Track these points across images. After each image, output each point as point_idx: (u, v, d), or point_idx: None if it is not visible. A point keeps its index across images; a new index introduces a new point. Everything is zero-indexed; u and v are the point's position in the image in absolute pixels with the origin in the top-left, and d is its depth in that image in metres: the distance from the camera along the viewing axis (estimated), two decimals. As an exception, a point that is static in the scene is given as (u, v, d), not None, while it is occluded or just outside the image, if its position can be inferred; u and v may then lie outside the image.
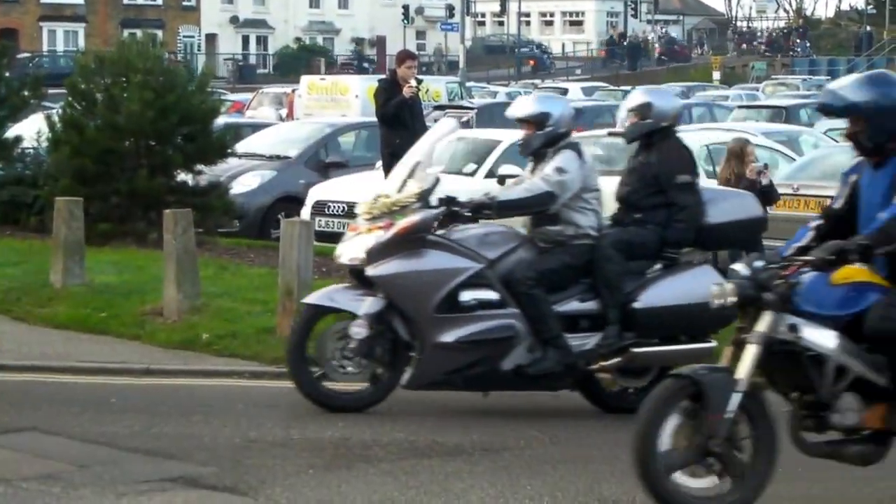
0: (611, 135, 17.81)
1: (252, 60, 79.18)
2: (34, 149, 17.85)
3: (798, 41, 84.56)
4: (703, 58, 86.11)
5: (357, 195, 12.11)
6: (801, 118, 28.95)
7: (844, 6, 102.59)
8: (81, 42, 69.30)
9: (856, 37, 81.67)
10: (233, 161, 17.57)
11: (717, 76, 68.77)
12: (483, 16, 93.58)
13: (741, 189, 11.66)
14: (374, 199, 9.44)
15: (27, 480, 7.44)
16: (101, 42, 61.52)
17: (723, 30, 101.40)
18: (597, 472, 7.89)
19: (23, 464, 7.85)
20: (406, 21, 74.47)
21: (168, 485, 7.48)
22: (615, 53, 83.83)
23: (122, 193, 15.99)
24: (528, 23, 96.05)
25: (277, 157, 19.49)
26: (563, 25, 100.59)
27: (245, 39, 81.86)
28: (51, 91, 22.34)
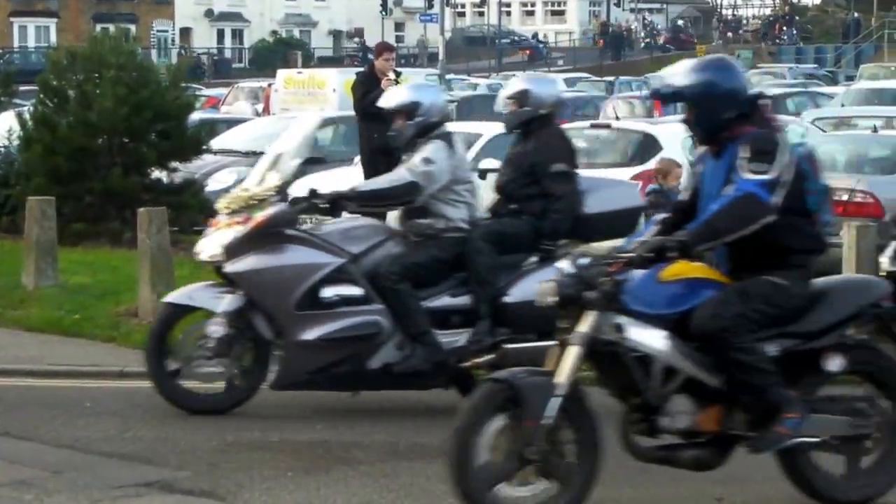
0: (594, 126, 17.70)
1: (227, 55, 78.86)
2: (5, 147, 17.72)
3: (784, 29, 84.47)
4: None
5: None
6: (789, 108, 28.64)
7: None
8: (53, 38, 68.76)
9: (843, 23, 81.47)
10: (208, 157, 17.45)
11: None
12: (463, 6, 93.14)
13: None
14: (234, 193, 9.20)
15: (-1, 487, 7.31)
16: (74, 37, 60.97)
17: (707, 18, 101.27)
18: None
19: (-5, 470, 7.71)
20: (384, 12, 74.10)
21: (143, 490, 7.38)
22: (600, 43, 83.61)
23: (96, 192, 15.86)
24: (509, 13, 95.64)
25: (254, 153, 19.33)
26: (545, 15, 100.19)
27: (220, 33, 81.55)
28: (22, 88, 22.20)
